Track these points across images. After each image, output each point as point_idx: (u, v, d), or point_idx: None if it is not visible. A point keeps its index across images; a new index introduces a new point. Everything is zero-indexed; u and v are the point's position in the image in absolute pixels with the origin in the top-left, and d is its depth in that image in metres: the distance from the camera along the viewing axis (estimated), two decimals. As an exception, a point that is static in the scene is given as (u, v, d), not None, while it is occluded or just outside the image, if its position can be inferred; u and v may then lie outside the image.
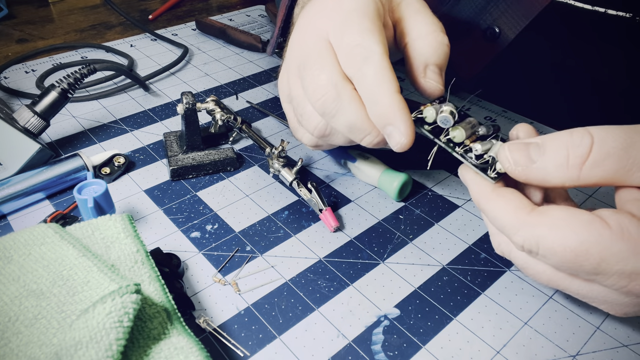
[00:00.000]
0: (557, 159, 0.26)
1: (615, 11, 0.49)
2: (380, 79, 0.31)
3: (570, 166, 0.26)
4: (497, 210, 0.28)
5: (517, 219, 0.27)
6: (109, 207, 0.38)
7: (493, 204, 0.29)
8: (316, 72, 0.33)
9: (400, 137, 0.31)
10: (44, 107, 0.46)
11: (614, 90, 0.53)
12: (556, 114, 0.55)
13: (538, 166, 0.27)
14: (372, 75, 0.31)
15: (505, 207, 0.28)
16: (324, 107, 0.33)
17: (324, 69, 0.33)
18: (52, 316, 0.28)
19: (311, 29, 0.35)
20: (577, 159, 0.25)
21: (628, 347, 0.32)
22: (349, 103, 0.32)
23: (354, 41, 0.32)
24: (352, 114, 0.32)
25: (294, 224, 0.40)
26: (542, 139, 0.27)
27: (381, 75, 0.31)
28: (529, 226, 0.26)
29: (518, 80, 0.57)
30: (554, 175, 0.26)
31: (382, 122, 0.31)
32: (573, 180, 0.26)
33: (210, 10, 0.86)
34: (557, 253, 0.25)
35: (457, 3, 0.54)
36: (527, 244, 0.27)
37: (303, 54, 0.34)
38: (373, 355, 0.31)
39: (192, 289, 0.35)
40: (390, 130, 0.31)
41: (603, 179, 0.25)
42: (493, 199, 0.29)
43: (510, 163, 0.28)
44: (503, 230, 0.28)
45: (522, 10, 0.50)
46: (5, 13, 0.80)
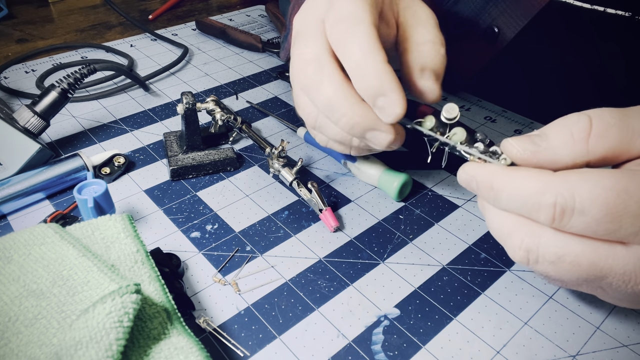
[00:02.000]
0: (563, 137, 0.26)
1: (614, 10, 0.49)
2: (367, 48, 0.30)
3: (577, 140, 0.26)
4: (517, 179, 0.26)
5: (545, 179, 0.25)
6: (109, 207, 0.38)
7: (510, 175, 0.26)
8: (302, 47, 0.32)
9: (395, 108, 0.30)
10: (44, 107, 0.46)
11: (614, 90, 0.53)
12: (556, 113, 0.55)
13: (546, 147, 0.27)
14: (359, 44, 0.30)
15: (526, 173, 0.26)
16: (305, 81, 0.32)
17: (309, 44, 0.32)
18: (52, 316, 0.28)
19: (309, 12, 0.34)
20: (581, 132, 0.26)
21: (628, 347, 0.32)
22: (329, 77, 0.31)
23: (342, 10, 0.31)
24: (330, 89, 0.31)
25: (294, 224, 0.40)
26: (540, 130, 0.27)
27: (368, 45, 0.30)
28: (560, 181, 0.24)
29: (517, 80, 0.57)
30: (564, 153, 0.26)
31: (372, 94, 0.30)
32: (583, 154, 0.26)
33: (210, 10, 0.86)
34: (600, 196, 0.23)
35: (457, 3, 0.54)
36: (560, 200, 0.24)
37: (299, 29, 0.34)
38: (373, 355, 0.31)
39: (192, 289, 0.35)
40: (382, 102, 0.30)
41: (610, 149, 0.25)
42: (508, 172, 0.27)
43: (518, 149, 0.27)
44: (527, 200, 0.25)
45: (521, 10, 0.50)
46: (5, 13, 0.80)
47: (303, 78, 0.32)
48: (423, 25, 0.35)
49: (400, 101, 0.30)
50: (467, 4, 0.53)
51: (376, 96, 0.30)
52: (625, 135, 0.25)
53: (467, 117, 0.54)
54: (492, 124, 0.53)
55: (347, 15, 0.31)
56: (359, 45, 0.30)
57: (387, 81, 0.30)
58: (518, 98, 0.57)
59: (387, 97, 0.30)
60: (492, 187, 0.27)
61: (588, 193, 0.24)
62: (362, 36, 0.30)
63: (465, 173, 0.29)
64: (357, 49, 0.30)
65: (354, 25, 0.30)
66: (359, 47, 0.30)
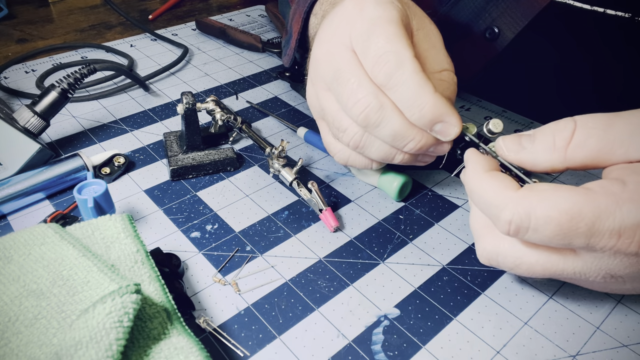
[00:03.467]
0: (545, 143, 0.29)
1: (614, 11, 0.49)
2: (418, 82, 0.32)
3: (557, 148, 0.28)
4: (485, 188, 0.29)
5: (506, 195, 0.28)
6: (109, 207, 0.38)
7: (482, 182, 0.29)
8: (353, 85, 0.34)
9: (454, 128, 0.33)
10: (44, 107, 0.46)
11: (614, 90, 0.53)
12: (556, 113, 0.55)
13: (528, 151, 0.30)
14: (409, 80, 0.32)
15: (495, 185, 0.29)
16: (367, 119, 0.34)
17: (361, 82, 0.33)
18: (52, 316, 0.28)
19: (335, 40, 0.35)
20: (562, 141, 0.28)
21: (628, 347, 0.32)
22: (392, 112, 0.33)
23: (382, 48, 0.32)
24: (396, 122, 0.33)
25: (294, 224, 0.40)
26: (533, 131, 0.30)
27: (418, 79, 0.32)
28: (519, 199, 0.27)
29: (518, 80, 0.57)
30: (543, 159, 0.29)
31: (430, 123, 0.33)
32: (560, 161, 0.28)
33: (210, 10, 0.86)
34: (553, 218, 0.26)
35: (457, 3, 0.54)
36: (516, 218, 0.27)
37: (332, 68, 0.35)
38: (373, 355, 0.31)
39: (192, 289, 0.35)
40: (441, 127, 0.33)
41: (587, 158, 0.28)
42: (484, 178, 0.29)
43: (503, 150, 0.31)
44: (490, 210, 0.28)
45: (521, 10, 0.50)
46: (5, 13, 0.80)
47: (365, 116, 0.34)
48: (435, 49, 0.36)
49: (457, 122, 0.33)
50: (468, 5, 0.53)
51: (434, 124, 0.33)
52: (604, 145, 0.27)
53: (467, 117, 0.54)
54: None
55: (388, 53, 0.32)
56: (409, 83, 0.32)
57: (444, 109, 0.32)
58: (518, 98, 0.57)
59: (445, 122, 0.33)
60: (467, 183, 0.31)
61: (543, 215, 0.26)
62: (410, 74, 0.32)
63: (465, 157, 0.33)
64: (407, 87, 0.32)
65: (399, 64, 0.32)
66: (410, 85, 0.32)
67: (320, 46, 0.36)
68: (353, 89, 0.34)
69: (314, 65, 0.37)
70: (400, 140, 0.34)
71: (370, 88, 0.33)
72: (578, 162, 0.28)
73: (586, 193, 0.26)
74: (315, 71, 0.37)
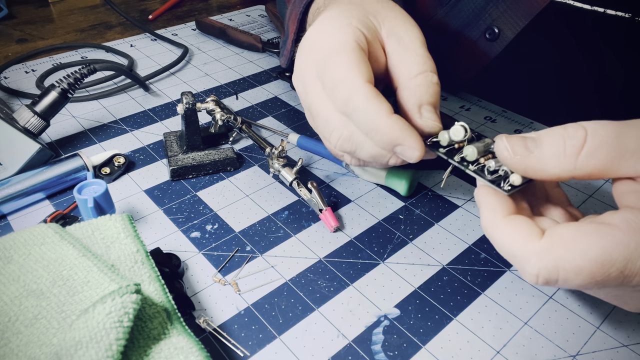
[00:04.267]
0: (555, 148, 0.27)
1: (614, 11, 0.49)
2: (370, 109, 0.31)
3: (568, 155, 0.26)
4: (506, 238, 0.27)
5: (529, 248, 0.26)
6: (109, 207, 0.38)
7: (502, 231, 0.28)
8: (324, 120, 0.34)
9: (413, 152, 0.32)
10: (44, 107, 0.46)
11: (614, 90, 0.53)
12: (556, 113, 0.55)
13: (536, 155, 0.27)
14: (362, 108, 0.32)
15: (515, 235, 0.27)
16: (343, 148, 0.35)
17: (329, 115, 0.34)
18: (52, 316, 0.28)
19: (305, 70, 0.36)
20: (573, 148, 0.26)
21: (628, 347, 0.32)
22: (363, 138, 0.33)
23: (335, 79, 0.33)
24: (369, 147, 0.33)
25: (294, 224, 0.40)
26: (536, 134, 0.28)
27: (370, 106, 0.31)
28: (544, 252, 0.25)
29: (518, 80, 0.57)
30: (552, 165, 0.27)
31: (389, 146, 0.32)
32: (569, 170, 0.26)
33: (210, 10, 0.86)
34: (583, 269, 0.24)
35: (457, 4, 0.54)
36: (543, 272, 0.25)
37: (306, 100, 0.36)
38: (373, 355, 0.31)
39: (192, 289, 0.35)
40: (401, 150, 0.32)
41: (597, 168, 0.26)
42: (502, 226, 0.28)
43: (509, 151, 0.28)
44: (513, 260, 0.27)
45: (521, 11, 0.50)
46: (5, 13, 0.80)
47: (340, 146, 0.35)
48: (409, 52, 0.35)
49: (417, 146, 0.32)
50: (468, 5, 0.53)
51: (393, 146, 0.32)
52: (615, 155, 0.25)
53: (467, 117, 0.54)
54: (492, 124, 0.53)
55: (341, 83, 0.32)
56: (362, 110, 0.32)
57: (399, 132, 0.31)
58: (518, 98, 0.57)
59: (404, 145, 0.32)
60: (486, 231, 0.29)
61: (572, 267, 0.25)
62: (362, 100, 0.32)
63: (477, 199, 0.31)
64: (362, 113, 0.32)
65: (351, 92, 0.32)
66: (363, 111, 0.32)
67: (294, 77, 0.37)
68: (324, 123, 0.34)
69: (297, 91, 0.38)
70: (380, 158, 0.34)
71: (338, 120, 0.34)
72: (587, 171, 0.26)
73: (612, 233, 0.24)
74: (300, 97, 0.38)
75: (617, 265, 0.24)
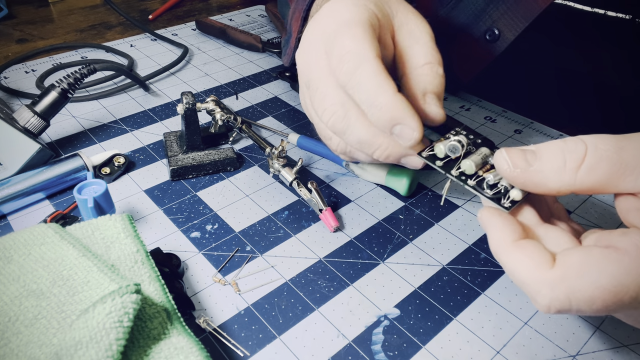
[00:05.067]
0: (555, 162, 0.26)
1: (614, 13, 0.49)
2: (376, 81, 0.31)
3: (568, 169, 0.26)
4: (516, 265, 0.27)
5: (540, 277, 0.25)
6: (109, 207, 0.38)
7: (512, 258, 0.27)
8: (321, 94, 0.34)
9: (412, 132, 0.31)
10: (44, 107, 0.46)
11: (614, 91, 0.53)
12: (556, 114, 0.55)
13: (536, 169, 0.27)
14: (367, 79, 0.31)
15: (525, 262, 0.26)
16: (334, 127, 0.34)
17: (328, 91, 0.33)
18: (52, 316, 0.27)
19: (313, 44, 0.35)
20: (573, 162, 0.26)
21: (628, 347, 0.32)
22: (356, 119, 0.33)
23: (345, 48, 0.32)
24: (360, 130, 0.33)
25: (294, 224, 0.40)
26: (536, 147, 0.28)
27: (376, 78, 0.31)
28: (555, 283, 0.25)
29: (518, 81, 0.57)
30: (552, 179, 0.26)
31: (388, 124, 0.31)
32: (569, 184, 0.26)
33: (210, 10, 0.86)
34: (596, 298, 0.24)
35: (457, 5, 0.54)
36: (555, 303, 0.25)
37: (308, 73, 0.35)
38: (373, 355, 0.31)
39: (192, 289, 0.35)
40: (400, 129, 0.31)
41: (597, 182, 0.26)
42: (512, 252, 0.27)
43: (509, 165, 0.28)
44: (524, 287, 0.26)
45: (522, 12, 0.50)
46: (5, 13, 0.80)
47: (332, 123, 0.34)
48: (419, 44, 0.35)
49: (417, 125, 0.31)
50: (468, 6, 0.53)
51: (392, 125, 0.31)
52: (615, 171, 0.25)
53: (467, 117, 0.55)
54: (492, 124, 0.53)
55: (350, 53, 0.32)
56: (367, 83, 0.31)
57: (401, 110, 0.31)
58: (518, 98, 0.57)
59: (403, 125, 0.31)
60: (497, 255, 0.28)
61: (585, 297, 0.24)
62: (369, 73, 0.31)
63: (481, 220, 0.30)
64: (366, 87, 0.31)
65: (359, 63, 0.31)
66: (368, 84, 0.31)
67: (300, 48, 0.37)
68: (321, 97, 0.34)
69: (298, 68, 0.38)
70: (367, 147, 0.34)
71: (336, 97, 0.33)
72: (587, 186, 0.26)
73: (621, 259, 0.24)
74: (299, 73, 0.38)
75: (630, 293, 0.23)
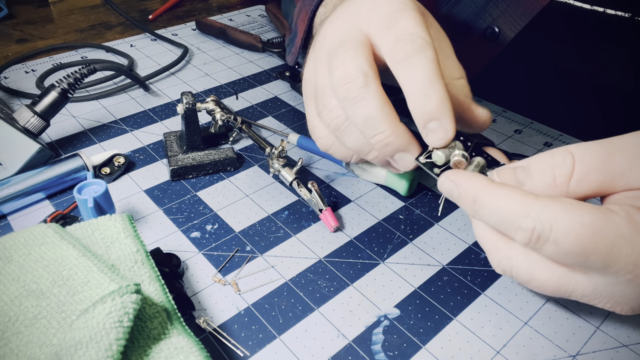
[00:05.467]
0: (545, 179, 0.27)
1: (614, 11, 0.49)
2: (435, 72, 0.31)
3: (558, 185, 0.27)
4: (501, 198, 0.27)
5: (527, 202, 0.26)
6: (109, 207, 0.38)
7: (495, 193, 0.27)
8: (348, 57, 0.33)
9: (446, 133, 0.31)
10: (44, 107, 0.46)
11: (614, 89, 0.53)
12: (556, 113, 0.55)
13: (528, 188, 0.28)
14: (428, 66, 0.30)
15: (511, 193, 0.27)
16: (347, 93, 0.32)
17: (357, 56, 0.32)
18: (52, 316, 0.28)
19: (347, 21, 0.34)
20: (563, 177, 0.27)
21: (628, 347, 0.32)
22: (374, 94, 0.32)
23: (408, 29, 0.31)
24: (373, 106, 0.32)
25: (294, 224, 0.40)
26: (526, 162, 0.28)
27: (434, 71, 0.31)
28: (543, 206, 0.25)
29: (518, 80, 0.57)
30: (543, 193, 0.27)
31: (427, 117, 0.31)
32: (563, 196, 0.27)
33: (210, 10, 0.86)
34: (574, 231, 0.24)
35: (457, 3, 0.54)
36: (539, 226, 0.25)
37: (336, 43, 0.34)
38: (373, 355, 0.31)
39: (192, 289, 0.35)
40: (434, 126, 0.31)
41: (590, 191, 0.27)
42: (494, 188, 0.27)
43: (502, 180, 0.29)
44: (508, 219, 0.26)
45: (521, 10, 0.50)
46: (5, 13, 0.80)
47: (344, 89, 0.32)
48: (450, 59, 0.36)
49: (453, 126, 0.31)
50: (468, 4, 0.53)
51: (430, 120, 0.31)
52: (605, 178, 0.26)
53: (467, 117, 0.54)
54: (492, 124, 0.53)
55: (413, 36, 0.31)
56: (425, 70, 0.31)
57: (447, 107, 0.31)
58: (518, 98, 0.57)
59: (441, 122, 0.31)
60: (474, 201, 0.28)
61: (565, 226, 0.25)
62: (428, 61, 0.31)
63: (449, 180, 0.30)
64: (423, 73, 0.31)
65: (421, 48, 0.31)
66: (425, 72, 0.31)
67: (333, 22, 0.36)
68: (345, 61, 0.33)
69: (319, 42, 0.36)
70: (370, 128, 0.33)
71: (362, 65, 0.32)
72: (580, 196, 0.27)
73: (609, 214, 0.25)
74: (319, 47, 0.36)
75: (606, 241, 0.24)
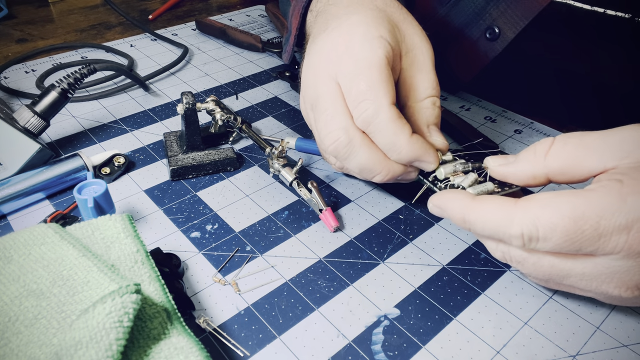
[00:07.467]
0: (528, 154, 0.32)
1: (614, 11, 0.49)
2: (394, 129, 0.34)
3: (537, 155, 0.31)
4: (485, 213, 0.29)
5: (508, 211, 0.28)
6: (109, 207, 0.38)
7: (479, 209, 0.30)
8: (328, 117, 0.35)
9: (429, 166, 0.36)
10: (44, 107, 0.46)
11: (613, 89, 0.53)
12: (556, 113, 0.55)
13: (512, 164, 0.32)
14: (385, 128, 0.34)
15: (492, 206, 0.29)
16: (336, 152, 0.36)
17: (336, 115, 0.35)
18: (52, 316, 0.28)
19: (322, 69, 0.37)
20: (542, 150, 0.31)
21: (628, 347, 0.32)
22: (360, 148, 0.35)
23: (362, 95, 0.34)
24: (362, 158, 0.35)
25: (294, 224, 0.40)
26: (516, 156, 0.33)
27: (393, 126, 0.34)
28: (523, 211, 0.27)
29: (518, 80, 0.57)
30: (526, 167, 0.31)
31: (408, 161, 0.35)
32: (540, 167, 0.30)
33: (210, 10, 0.86)
34: (558, 225, 0.26)
35: (457, 3, 0.54)
36: (526, 230, 0.27)
37: (315, 94, 0.37)
38: (373, 355, 0.31)
39: (192, 289, 0.35)
40: (419, 164, 0.36)
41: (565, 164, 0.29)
42: (476, 205, 0.30)
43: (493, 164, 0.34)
44: (498, 231, 0.29)
45: (521, 10, 0.50)
46: (5, 13, 0.80)
47: (332, 149, 0.36)
48: (422, 72, 0.38)
49: (434, 160, 0.35)
50: (468, 5, 0.53)
51: (411, 162, 0.36)
52: (578, 153, 0.29)
53: (467, 117, 0.54)
54: (492, 124, 0.53)
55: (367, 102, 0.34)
56: (385, 132, 0.34)
57: (418, 150, 0.35)
58: (518, 98, 0.57)
59: (423, 161, 0.35)
60: (464, 220, 0.31)
61: (548, 222, 0.26)
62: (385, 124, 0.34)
63: (435, 206, 0.33)
64: (385, 135, 0.34)
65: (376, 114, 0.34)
66: (386, 134, 0.34)
67: (307, 70, 0.38)
68: (327, 120, 0.35)
69: (303, 86, 0.39)
70: (367, 173, 0.36)
71: (342, 122, 0.35)
72: (556, 167, 0.30)
73: (586, 194, 0.26)
74: (303, 90, 0.39)
75: (590, 223, 0.25)
